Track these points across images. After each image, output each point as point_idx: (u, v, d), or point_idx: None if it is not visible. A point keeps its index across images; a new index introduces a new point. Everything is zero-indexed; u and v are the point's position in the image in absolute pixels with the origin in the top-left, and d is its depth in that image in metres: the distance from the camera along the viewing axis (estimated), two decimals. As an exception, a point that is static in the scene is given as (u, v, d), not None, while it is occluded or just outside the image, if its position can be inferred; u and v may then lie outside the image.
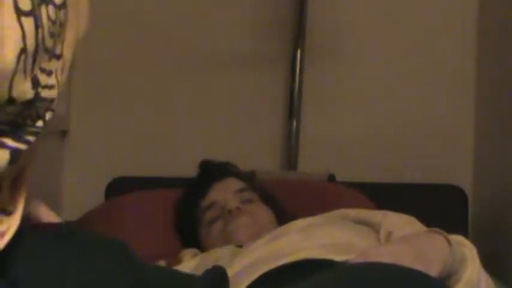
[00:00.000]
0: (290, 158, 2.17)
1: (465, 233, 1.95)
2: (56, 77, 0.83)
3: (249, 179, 1.75)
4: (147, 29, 2.19)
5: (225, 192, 1.65)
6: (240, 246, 1.47)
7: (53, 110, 0.83)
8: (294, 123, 2.16)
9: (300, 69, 2.16)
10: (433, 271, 1.12)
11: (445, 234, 1.20)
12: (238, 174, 1.73)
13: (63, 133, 2.17)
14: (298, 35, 2.16)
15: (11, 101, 0.75)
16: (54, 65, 0.82)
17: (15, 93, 0.75)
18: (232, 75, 2.21)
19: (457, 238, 1.22)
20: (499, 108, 2.08)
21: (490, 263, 1.26)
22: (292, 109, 2.16)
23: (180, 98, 2.21)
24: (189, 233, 1.68)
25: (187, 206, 1.71)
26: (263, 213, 1.61)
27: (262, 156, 2.18)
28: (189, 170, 1.78)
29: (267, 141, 2.21)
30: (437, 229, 1.22)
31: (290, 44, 2.18)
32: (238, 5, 2.21)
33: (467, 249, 1.20)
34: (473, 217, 2.07)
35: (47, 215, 0.95)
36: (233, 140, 2.19)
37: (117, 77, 2.19)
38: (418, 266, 1.07)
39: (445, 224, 1.27)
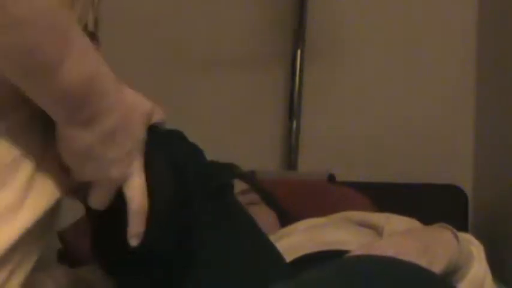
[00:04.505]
0: (290, 158, 2.17)
1: (465, 233, 1.95)
2: None
3: (252, 180, 1.75)
4: (146, 28, 2.19)
5: None
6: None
7: None
8: (294, 123, 2.16)
9: (300, 69, 2.16)
10: (438, 265, 1.11)
11: (453, 229, 1.20)
12: (242, 176, 1.73)
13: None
14: (298, 35, 2.16)
15: None
16: None
17: None
18: (232, 75, 2.21)
19: (465, 235, 1.22)
20: (499, 108, 2.08)
21: (490, 263, 1.26)
22: (292, 109, 2.16)
23: (180, 98, 2.21)
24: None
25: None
26: (266, 215, 1.61)
27: (262, 156, 2.18)
28: (189, 170, 1.78)
29: (267, 141, 2.21)
30: (446, 225, 1.22)
31: (290, 44, 2.18)
32: (238, 5, 2.21)
33: (474, 248, 1.20)
34: (473, 217, 2.07)
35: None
36: (233, 140, 2.19)
37: (116, 77, 2.19)
38: (422, 260, 1.07)
39: (445, 224, 1.27)
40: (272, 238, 1.42)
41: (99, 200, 0.90)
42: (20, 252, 0.81)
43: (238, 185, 1.67)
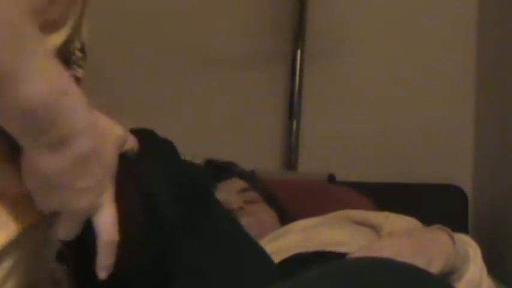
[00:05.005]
0: (290, 158, 2.17)
1: (465, 233, 1.95)
2: None
3: (252, 179, 1.75)
4: (146, 28, 2.19)
5: (228, 192, 1.64)
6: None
7: None
8: (294, 123, 2.16)
9: (300, 69, 2.16)
10: (435, 266, 1.12)
11: (449, 231, 1.20)
12: (242, 174, 1.73)
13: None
14: (298, 35, 2.16)
15: None
16: None
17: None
18: (232, 75, 2.20)
19: (462, 237, 1.23)
20: (499, 109, 2.08)
21: (490, 263, 1.26)
22: (292, 109, 2.16)
23: (180, 98, 2.21)
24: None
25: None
26: (266, 213, 1.61)
27: (262, 156, 2.18)
28: (189, 170, 1.78)
29: (267, 141, 2.21)
30: (442, 226, 1.22)
31: (290, 44, 2.18)
32: (238, 5, 2.21)
33: (471, 249, 1.21)
34: (473, 217, 2.07)
35: None
36: (233, 140, 2.19)
37: (116, 77, 2.19)
38: (419, 261, 1.08)
39: (445, 224, 1.27)
40: (269, 238, 1.42)
41: (66, 231, 0.84)
42: (11, 259, 0.80)
43: (238, 184, 1.67)
